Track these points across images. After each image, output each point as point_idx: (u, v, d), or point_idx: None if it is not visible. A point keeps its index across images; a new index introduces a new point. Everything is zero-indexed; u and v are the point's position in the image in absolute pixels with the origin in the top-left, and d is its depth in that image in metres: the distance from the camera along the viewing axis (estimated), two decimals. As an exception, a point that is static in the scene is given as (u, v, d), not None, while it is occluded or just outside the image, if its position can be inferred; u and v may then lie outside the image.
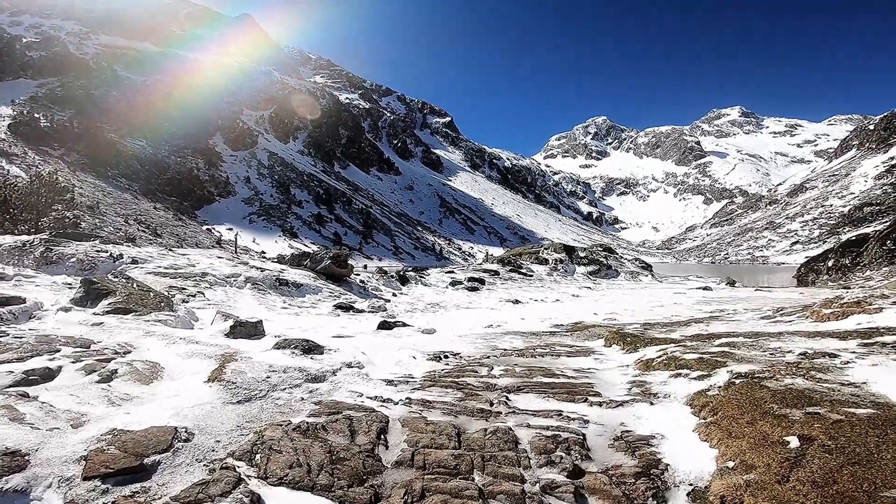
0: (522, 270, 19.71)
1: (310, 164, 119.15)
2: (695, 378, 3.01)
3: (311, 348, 3.90)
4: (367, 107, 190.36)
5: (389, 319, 5.62)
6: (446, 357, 4.12)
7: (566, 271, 22.05)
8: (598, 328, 6.01)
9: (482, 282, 14.90)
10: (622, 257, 31.60)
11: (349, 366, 3.59)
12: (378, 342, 4.59)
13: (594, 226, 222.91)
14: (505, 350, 4.53)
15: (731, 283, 24.04)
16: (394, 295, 11.27)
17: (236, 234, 61.15)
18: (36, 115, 71.70)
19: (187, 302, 6.44)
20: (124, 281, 6.31)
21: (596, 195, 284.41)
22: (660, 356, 3.68)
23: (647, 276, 26.40)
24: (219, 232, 72.18)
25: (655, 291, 17.38)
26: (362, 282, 11.85)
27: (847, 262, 31.28)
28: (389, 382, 3.27)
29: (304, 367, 3.37)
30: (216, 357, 3.45)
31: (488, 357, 4.17)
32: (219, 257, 10.04)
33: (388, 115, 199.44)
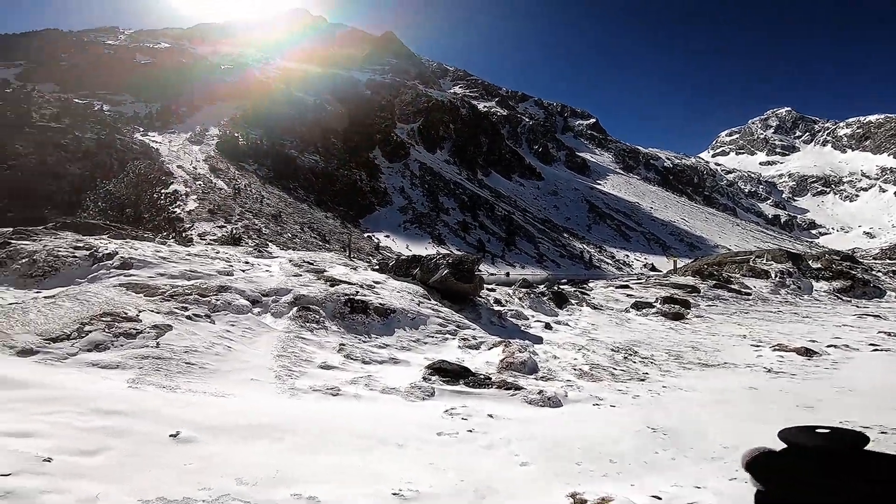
0: (733, 286, 13.48)
1: (455, 172, 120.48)
2: None
3: None
4: (505, 113, 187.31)
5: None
6: None
7: (800, 288, 14.93)
8: None
9: (686, 304, 9.52)
10: (871, 269, 22.05)
11: None
12: None
13: (783, 231, 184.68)
14: None
15: None
16: (546, 327, 6.84)
17: (350, 236, 62.60)
18: (235, 135, 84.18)
19: (120, 346, 3.03)
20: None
21: (783, 196, 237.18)
22: None
23: (932, 298, 17.21)
24: (377, 238, 75.51)
25: None
26: (497, 302, 7.65)
27: None
28: None
29: None
30: None
31: None
32: (289, 261, 6.86)
33: (527, 120, 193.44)
